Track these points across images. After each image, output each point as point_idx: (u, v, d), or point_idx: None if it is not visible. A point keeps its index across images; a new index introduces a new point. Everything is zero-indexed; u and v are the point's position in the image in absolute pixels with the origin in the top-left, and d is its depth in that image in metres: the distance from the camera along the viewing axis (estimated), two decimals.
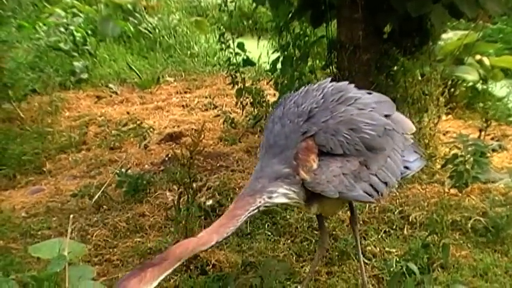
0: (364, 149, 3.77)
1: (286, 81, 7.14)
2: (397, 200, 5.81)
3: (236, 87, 8.13)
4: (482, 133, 6.59)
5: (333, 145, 3.71)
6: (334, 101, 3.87)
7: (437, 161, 6.46)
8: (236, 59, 8.15)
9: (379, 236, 5.28)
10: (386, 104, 4.19)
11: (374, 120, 3.87)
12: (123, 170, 6.75)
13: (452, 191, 5.46)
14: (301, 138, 3.74)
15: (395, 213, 5.58)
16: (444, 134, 7.31)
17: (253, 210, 3.65)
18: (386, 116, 4.03)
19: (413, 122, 4.57)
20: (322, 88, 4.02)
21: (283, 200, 3.73)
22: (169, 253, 3.36)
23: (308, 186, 3.68)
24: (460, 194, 5.54)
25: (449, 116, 8.00)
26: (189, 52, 12.80)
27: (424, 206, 5.66)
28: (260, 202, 3.65)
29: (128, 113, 9.69)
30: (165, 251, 3.39)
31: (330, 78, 4.25)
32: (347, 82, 4.18)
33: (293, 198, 3.75)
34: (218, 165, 7.05)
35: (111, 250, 5.48)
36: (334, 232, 5.30)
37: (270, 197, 3.67)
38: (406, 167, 4.17)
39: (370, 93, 4.20)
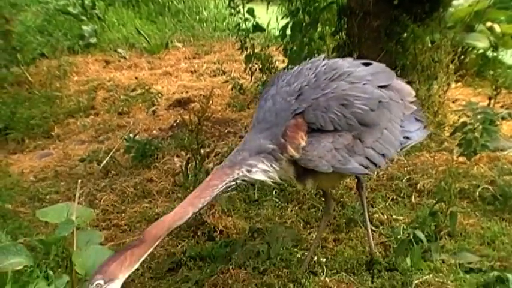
0: (356, 123, 3.72)
1: (295, 48, 7.10)
2: (405, 168, 5.78)
3: (245, 53, 8.07)
4: (492, 101, 6.54)
5: (323, 122, 3.67)
6: (326, 79, 3.82)
7: (446, 128, 6.42)
8: (245, 25, 8.08)
9: (387, 204, 5.26)
10: (383, 75, 4.11)
11: (367, 93, 3.82)
12: (131, 135, 6.75)
13: (461, 159, 5.42)
14: (291, 116, 3.70)
15: (403, 180, 5.56)
16: (453, 102, 7.26)
17: (230, 181, 3.60)
18: (383, 86, 3.98)
19: (419, 90, 4.52)
20: (315, 67, 3.96)
21: (262, 177, 3.67)
22: (146, 235, 3.36)
23: (300, 163, 3.65)
24: (469, 162, 5.49)
25: (459, 83, 7.93)
26: (198, 17, 12.75)
27: (432, 173, 5.63)
28: (238, 174, 3.61)
29: (136, 78, 9.68)
30: (142, 233, 3.39)
31: (323, 55, 4.20)
32: (341, 59, 4.15)
33: (272, 177, 3.71)
34: (226, 131, 7.04)
35: (118, 215, 5.50)
36: (341, 199, 5.28)
37: (249, 171, 3.62)
38: (407, 137, 4.12)
39: (368, 64, 4.15)
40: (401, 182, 5.54)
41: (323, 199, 4.59)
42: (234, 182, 3.62)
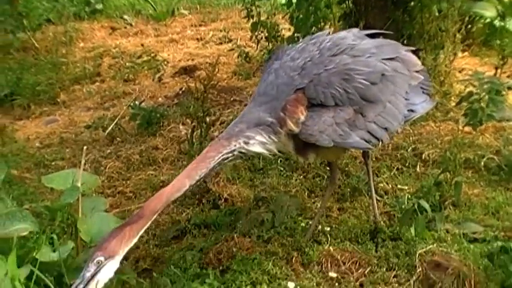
0: (358, 98, 3.71)
1: (301, 16, 7.03)
2: (411, 138, 5.76)
3: (251, 21, 8.00)
4: (498, 71, 6.50)
5: (323, 97, 3.66)
6: (330, 55, 3.80)
7: (452, 98, 6.39)
8: None
9: (392, 173, 5.25)
10: (388, 47, 4.07)
11: (370, 67, 3.79)
12: (136, 102, 6.74)
13: (466, 128, 5.40)
14: (292, 91, 3.69)
15: (408, 150, 5.54)
16: (460, 71, 7.20)
17: (227, 153, 3.61)
18: (389, 59, 3.95)
19: (425, 59, 4.48)
20: (319, 42, 3.94)
21: (260, 149, 3.68)
22: (144, 209, 3.39)
23: (301, 137, 3.65)
24: (474, 132, 5.47)
25: (466, 53, 7.87)
26: None
27: (438, 143, 5.61)
28: (235, 146, 3.61)
29: (142, 45, 9.64)
30: (140, 208, 3.41)
31: (327, 31, 4.18)
32: (346, 32, 4.13)
33: (270, 149, 3.72)
34: (232, 99, 7.02)
35: (124, 182, 5.51)
36: (346, 169, 5.27)
37: (246, 143, 3.63)
38: (411, 110, 4.09)
39: (375, 36, 4.13)
40: (406, 151, 5.53)
41: (328, 169, 4.58)
42: (231, 154, 3.62)
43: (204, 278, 3.93)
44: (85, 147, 4.51)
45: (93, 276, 3.22)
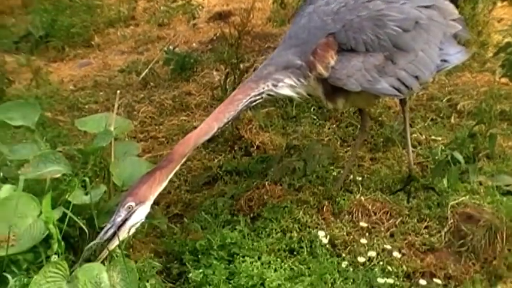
0: (390, 44, 3.65)
1: None
2: (446, 88, 5.69)
3: None
4: None
5: (354, 43, 3.62)
6: (364, 1, 3.75)
7: (490, 48, 6.29)
8: None
9: (426, 124, 5.20)
10: None
11: (403, 13, 3.72)
12: (170, 47, 6.73)
13: (503, 80, 5.31)
14: (323, 36, 3.64)
15: (443, 101, 5.48)
16: (498, 21, 7.06)
17: (255, 96, 3.60)
18: (424, 7, 3.87)
19: (463, 8, 4.38)
20: None
21: (289, 92, 3.67)
22: (173, 153, 3.42)
23: (330, 81, 3.61)
24: (511, 84, 5.39)
25: (505, 2, 7.67)
26: None
27: (473, 94, 5.53)
28: (263, 88, 3.60)
29: None
30: (169, 153, 3.45)
31: None
32: None
33: (299, 92, 3.70)
34: (266, 46, 6.96)
35: (156, 127, 5.52)
36: (379, 118, 5.23)
37: (275, 85, 3.61)
38: (445, 60, 4.01)
39: None
40: (441, 102, 5.47)
41: (359, 116, 4.54)
42: (259, 96, 3.62)
43: (235, 225, 3.95)
44: (118, 91, 4.51)
45: (124, 222, 3.25)
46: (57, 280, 3.08)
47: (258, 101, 3.65)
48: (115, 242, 3.25)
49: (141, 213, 3.31)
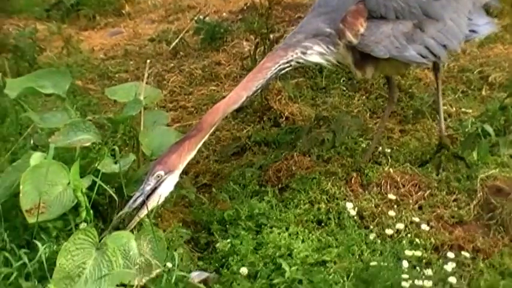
0: (419, 12, 3.66)
1: None
2: (477, 60, 5.63)
3: None
4: None
5: (384, 10, 3.61)
6: None
7: None
8: None
9: (456, 96, 5.16)
10: None
11: None
12: (201, 16, 6.70)
13: None
14: (353, 3, 3.64)
15: (475, 73, 5.42)
16: None
17: (284, 63, 3.59)
18: None
19: None
20: None
21: (318, 59, 3.66)
22: (202, 123, 3.44)
23: (358, 48, 3.61)
24: None
25: None
26: None
27: (505, 66, 5.46)
28: (292, 56, 3.59)
29: None
30: (198, 121, 3.45)
31: None
32: None
33: (329, 60, 3.69)
34: (296, 16, 6.91)
35: (186, 97, 5.53)
36: (409, 90, 5.18)
37: (303, 53, 3.61)
38: (473, 31, 3.99)
39: None
40: (472, 74, 5.41)
41: (387, 87, 4.52)
42: (288, 64, 3.62)
43: (263, 195, 3.96)
44: (148, 61, 4.54)
45: (153, 190, 3.28)
46: (87, 247, 3.12)
47: (286, 69, 3.65)
48: (144, 211, 3.29)
49: (170, 182, 3.35)
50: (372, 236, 3.63)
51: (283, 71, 3.65)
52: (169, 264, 3.18)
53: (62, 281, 3.04)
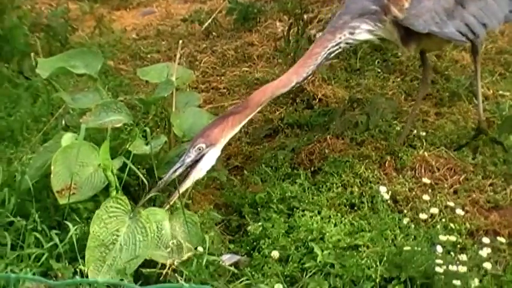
0: None
1: None
2: None
3: None
4: None
5: None
6: None
7: None
8: None
9: (493, 78, 5.09)
10: None
11: None
12: None
13: None
14: None
15: None
16: None
17: (333, 47, 3.61)
18: None
19: None
20: None
21: (367, 36, 3.70)
22: (249, 100, 3.48)
23: (399, 22, 3.63)
24: None
25: None
26: None
27: None
28: (340, 38, 3.61)
29: None
30: (245, 99, 3.43)
31: None
32: None
33: (378, 35, 3.72)
34: None
35: (218, 78, 5.52)
36: (446, 72, 5.13)
37: (351, 33, 3.63)
38: None
39: None
40: (510, 56, 5.34)
41: (421, 68, 4.48)
42: (337, 47, 3.64)
43: (295, 178, 3.95)
44: (181, 41, 4.54)
45: (194, 163, 3.28)
46: (120, 215, 3.16)
47: (336, 52, 3.67)
48: (185, 185, 3.31)
49: (211, 156, 3.38)
50: (405, 221, 3.61)
51: (333, 54, 3.68)
52: (200, 248, 3.18)
53: (97, 248, 3.10)
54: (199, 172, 3.36)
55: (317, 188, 3.89)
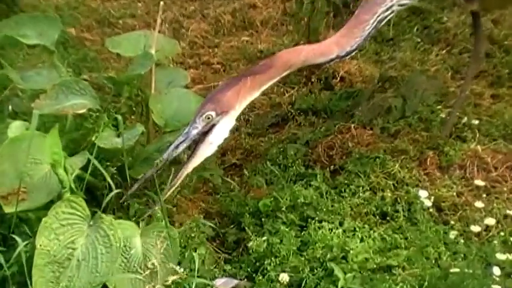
0: None
1: None
2: None
3: None
4: None
5: None
6: None
7: None
8: None
9: None
10: None
11: None
12: None
13: None
14: None
15: None
16: None
17: (384, 11, 3.55)
18: None
19: None
20: None
21: None
22: (276, 59, 3.34)
23: None
24: None
25: None
26: None
27: None
28: (392, 1, 3.54)
29: None
30: (271, 56, 3.38)
31: None
32: None
33: None
34: None
35: (210, 50, 5.53)
36: (505, 42, 5.14)
37: None
38: None
39: None
40: None
41: (473, 38, 4.49)
42: (389, 11, 3.58)
43: (310, 180, 3.96)
44: (162, 3, 4.51)
45: (202, 135, 3.23)
46: (75, 222, 3.08)
47: (388, 17, 3.61)
48: (192, 163, 3.26)
49: (223, 127, 3.27)
50: (452, 235, 3.62)
51: (383, 22, 3.60)
52: (186, 269, 3.17)
53: (48, 267, 3.00)
54: (208, 147, 3.26)
55: (338, 193, 3.90)
